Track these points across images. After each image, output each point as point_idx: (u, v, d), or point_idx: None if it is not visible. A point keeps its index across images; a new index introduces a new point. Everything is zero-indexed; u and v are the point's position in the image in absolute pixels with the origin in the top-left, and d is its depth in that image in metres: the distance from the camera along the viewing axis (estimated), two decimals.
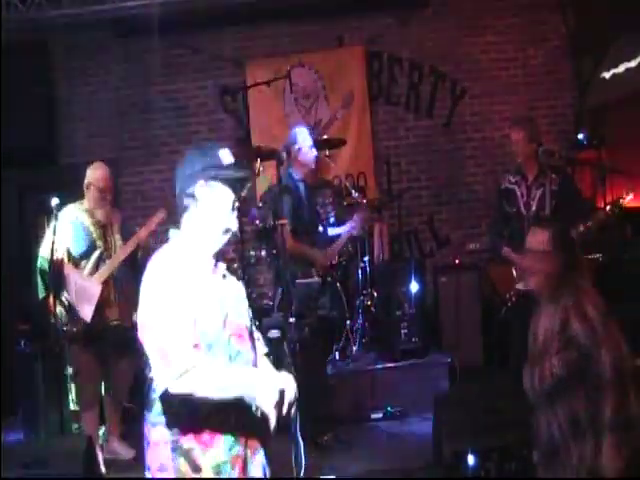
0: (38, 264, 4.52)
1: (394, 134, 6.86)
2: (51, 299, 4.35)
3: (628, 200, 4.39)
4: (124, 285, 4.55)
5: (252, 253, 5.25)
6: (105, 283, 4.49)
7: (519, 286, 4.50)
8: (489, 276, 4.90)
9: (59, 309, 4.44)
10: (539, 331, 2.72)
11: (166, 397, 2.13)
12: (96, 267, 4.53)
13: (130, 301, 4.33)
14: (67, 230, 4.52)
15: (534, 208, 4.53)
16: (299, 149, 4.97)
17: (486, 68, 6.83)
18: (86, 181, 4.61)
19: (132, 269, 4.53)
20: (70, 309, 4.45)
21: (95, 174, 4.61)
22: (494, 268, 4.80)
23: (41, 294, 4.54)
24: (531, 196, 4.56)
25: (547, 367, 2.60)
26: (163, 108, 6.78)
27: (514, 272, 4.55)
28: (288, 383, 2.19)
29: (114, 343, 4.56)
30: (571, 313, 2.59)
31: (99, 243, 4.59)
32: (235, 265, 4.65)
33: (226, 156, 2.27)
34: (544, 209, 4.48)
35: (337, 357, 5.33)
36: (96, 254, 4.55)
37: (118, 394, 4.76)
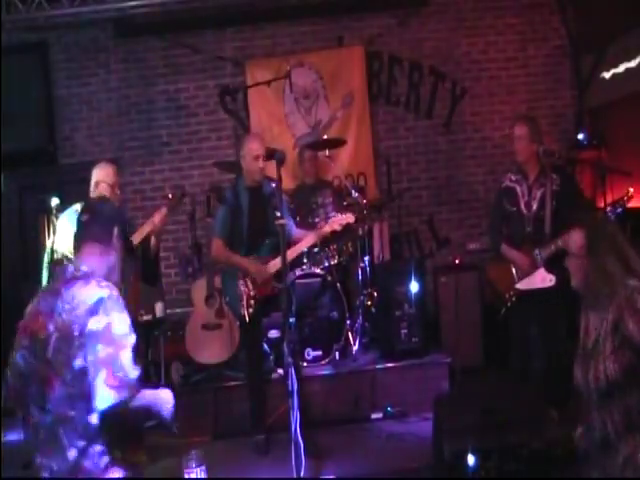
0: (46, 257, 4.51)
1: (394, 134, 6.87)
2: None
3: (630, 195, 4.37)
4: (129, 284, 4.56)
5: None
6: None
7: (519, 286, 4.52)
8: (489, 276, 4.88)
9: None
10: (590, 328, 2.67)
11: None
12: None
13: (137, 298, 4.37)
14: (74, 227, 4.52)
15: (535, 208, 4.52)
16: (243, 157, 4.60)
17: (486, 68, 6.84)
18: (94, 179, 4.58)
19: (145, 255, 4.56)
20: None
21: (104, 171, 4.60)
22: (494, 268, 4.78)
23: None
24: (532, 195, 4.55)
25: (601, 368, 2.55)
26: (163, 108, 6.79)
27: (514, 272, 4.54)
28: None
29: None
30: (624, 313, 2.54)
31: None
32: None
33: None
34: (545, 209, 4.47)
35: (337, 357, 5.33)
36: None
37: None
